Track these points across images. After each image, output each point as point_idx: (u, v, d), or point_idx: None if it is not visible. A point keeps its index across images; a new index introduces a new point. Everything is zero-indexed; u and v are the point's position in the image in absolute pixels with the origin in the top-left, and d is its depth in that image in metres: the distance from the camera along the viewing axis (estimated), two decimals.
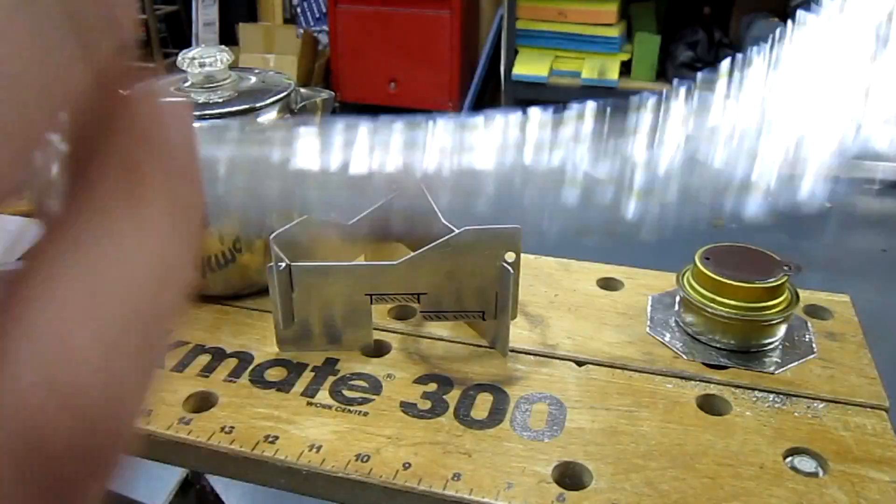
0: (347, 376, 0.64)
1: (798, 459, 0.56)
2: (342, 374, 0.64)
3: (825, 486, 0.53)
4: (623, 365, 0.66)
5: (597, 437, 0.58)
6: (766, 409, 0.61)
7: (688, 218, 0.29)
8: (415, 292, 0.63)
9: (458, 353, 0.68)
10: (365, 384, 0.63)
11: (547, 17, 3.28)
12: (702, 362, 0.66)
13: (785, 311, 0.66)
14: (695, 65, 3.15)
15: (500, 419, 0.59)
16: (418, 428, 0.58)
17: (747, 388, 0.63)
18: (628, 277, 0.80)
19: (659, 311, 0.74)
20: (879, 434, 0.58)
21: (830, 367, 0.66)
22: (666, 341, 0.69)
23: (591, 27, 3.25)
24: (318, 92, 0.79)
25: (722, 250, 0.70)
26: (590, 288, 0.78)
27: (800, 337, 0.70)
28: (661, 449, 0.57)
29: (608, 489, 0.53)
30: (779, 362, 0.66)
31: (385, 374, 0.64)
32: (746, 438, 0.58)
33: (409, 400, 0.61)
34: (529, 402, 0.61)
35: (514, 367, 0.65)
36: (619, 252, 0.81)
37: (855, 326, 0.72)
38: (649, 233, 0.28)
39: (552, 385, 0.63)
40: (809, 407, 0.61)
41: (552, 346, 0.68)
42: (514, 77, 3.33)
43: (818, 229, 2.75)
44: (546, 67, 3.31)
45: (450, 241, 0.62)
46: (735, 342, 0.67)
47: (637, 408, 0.61)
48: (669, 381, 0.64)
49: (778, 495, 0.52)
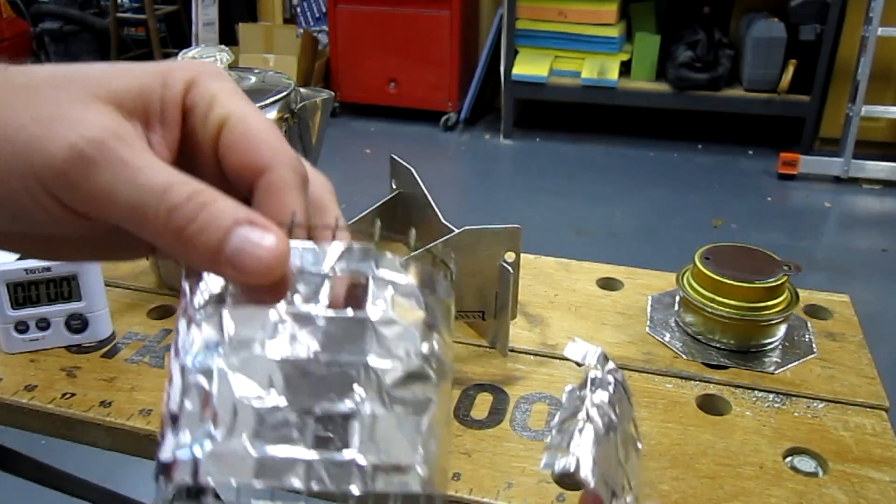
0: None
1: (798, 459, 0.56)
2: None
3: (825, 485, 0.53)
4: (623, 365, 0.66)
5: None
6: (765, 409, 0.61)
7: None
8: None
9: (458, 353, 0.68)
10: None
11: (547, 17, 3.28)
12: (702, 362, 0.66)
13: (785, 311, 0.66)
14: (695, 65, 3.15)
15: (499, 419, 0.59)
16: None
17: (747, 388, 0.63)
18: (628, 277, 0.80)
19: (659, 311, 0.74)
20: (879, 434, 0.58)
21: (830, 367, 0.66)
22: (666, 341, 0.69)
23: (591, 27, 3.25)
24: (318, 92, 0.79)
25: (722, 250, 0.70)
26: (590, 288, 0.78)
27: (800, 337, 0.70)
28: (661, 449, 0.57)
29: None
30: (779, 362, 0.66)
31: None
32: (746, 438, 0.58)
33: None
34: (529, 402, 0.61)
35: (514, 367, 0.66)
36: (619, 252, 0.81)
37: (855, 326, 0.72)
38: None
39: (552, 385, 0.63)
40: (809, 407, 0.61)
41: (552, 346, 0.68)
42: (514, 77, 3.34)
43: (818, 229, 2.76)
44: (546, 67, 3.31)
45: (449, 241, 0.62)
46: (735, 342, 0.67)
47: (637, 408, 0.61)
48: (669, 381, 0.64)
49: (778, 495, 0.52)
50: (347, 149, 3.33)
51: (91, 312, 0.67)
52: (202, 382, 0.24)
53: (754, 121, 3.42)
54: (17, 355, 0.66)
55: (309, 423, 0.24)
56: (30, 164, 0.24)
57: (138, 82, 0.27)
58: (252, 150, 0.27)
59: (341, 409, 0.24)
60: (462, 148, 3.49)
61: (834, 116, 3.16)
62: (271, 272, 0.25)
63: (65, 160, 0.24)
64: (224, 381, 0.24)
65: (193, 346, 0.25)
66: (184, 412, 0.25)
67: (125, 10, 4.15)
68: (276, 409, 0.24)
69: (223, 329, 0.25)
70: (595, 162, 3.25)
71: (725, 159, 3.26)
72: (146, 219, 0.25)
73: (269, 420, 0.24)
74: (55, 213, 0.26)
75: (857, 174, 2.97)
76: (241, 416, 0.24)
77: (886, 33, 2.83)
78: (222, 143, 0.27)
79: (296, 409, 0.24)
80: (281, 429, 0.24)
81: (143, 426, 0.58)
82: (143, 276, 0.79)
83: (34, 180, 0.25)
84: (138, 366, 0.65)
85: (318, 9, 4.04)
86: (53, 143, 0.24)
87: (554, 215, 2.71)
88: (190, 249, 0.25)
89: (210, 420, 0.24)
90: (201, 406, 0.24)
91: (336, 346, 0.25)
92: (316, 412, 0.24)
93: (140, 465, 0.56)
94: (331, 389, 0.24)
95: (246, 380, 0.24)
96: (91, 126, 0.25)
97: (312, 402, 0.24)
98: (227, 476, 0.24)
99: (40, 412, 0.60)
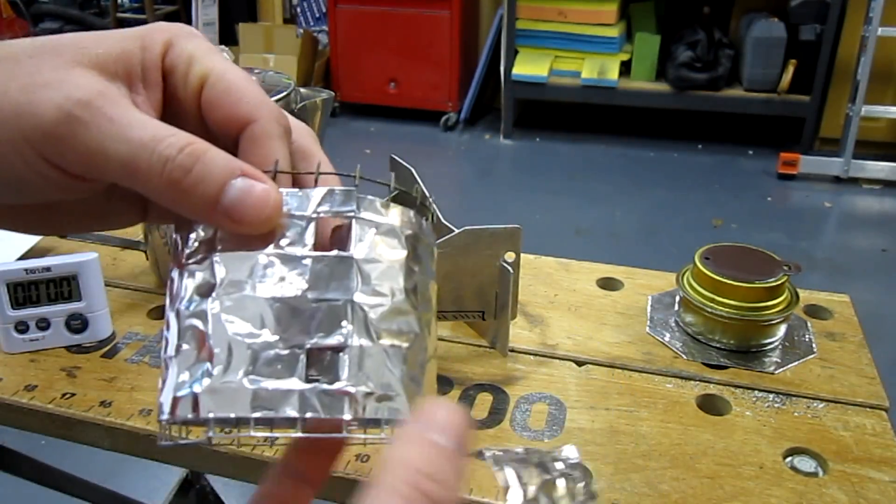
0: None
1: (798, 459, 0.56)
2: None
3: (825, 486, 0.53)
4: (623, 365, 0.66)
5: (597, 437, 0.58)
6: (765, 409, 0.61)
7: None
8: None
9: (458, 353, 0.68)
10: None
11: (547, 17, 3.28)
12: (702, 362, 0.66)
13: (785, 311, 0.66)
14: (695, 64, 3.15)
15: (499, 419, 0.59)
16: None
17: (747, 388, 0.63)
18: (628, 277, 0.80)
19: (659, 311, 0.74)
20: (879, 434, 0.58)
21: (830, 367, 0.66)
22: (666, 341, 0.69)
23: (591, 27, 3.25)
24: (318, 92, 0.79)
25: (722, 250, 0.70)
26: (590, 288, 0.78)
27: (800, 337, 0.70)
28: (661, 449, 0.57)
29: (608, 489, 0.53)
30: (779, 362, 0.66)
31: None
32: (746, 438, 0.58)
33: None
34: (529, 402, 0.61)
35: (514, 367, 0.66)
36: (619, 252, 0.81)
37: (855, 326, 0.72)
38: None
39: (552, 385, 0.63)
40: (809, 407, 0.61)
41: (552, 346, 0.68)
42: (514, 77, 3.34)
43: (818, 229, 2.76)
44: (546, 67, 3.31)
45: (449, 240, 0.62)
46: (735, 342, 0.67)
47: (637, 408, 0.61)
48: (669, 381, 0.64)
49: (778, 495, 0.52)
50: (347, 149, 3.33)
51: (91, 312, 0.67)
52: (198, 324, 0.26)
53: (754, 121, 3.42)
54: (17, 355, 0.66)
55: (300, 358, 0.25)
56: (20, 130, 0.25)
57: (118, 46, 0.28)
58: (235, 103, 0.28)
59: (331, 342, 0.25)
60: (462, 148, 3.49)
61: (834, 116, 3.16)
62: (268, 221, 0.26)
63: (54, 122, 0.25)
64: (218, 322, 0.25)
65: (187, 292, 0.26)
66: (181, 354, 0.26)
67: (125, 10, 4.15)
68: (268, 345, 0.25)
69: (215, 274, 0.26)
70: (595, 162, 3.25)
71: (725, 159, 3.26)
72: (139, 171, 0.26)
73: (263, 356, 0.25)
74: (51, 177, 0.26)
75: (857, 174, 2.97)
76: (237, 354, 0.25)
77: (886, 33, 2.83)
78: (205, 98, 0.28)
79: (287, 345, 0.25)
80: (274, 364, 0.25)
81: (143, 426, 0.58)
82: (143, 276, 0.79)
83: (26, 146, 0.26)
84: (138, 366, 0.65)
85: (318, 9, 4.04)
86: (41, 108, 0.25)
87: (554, 215, 2.71)
88: (186, 201, 0.26)
89: (207, 359, 0.25)
90: (198, 347, 0.25)
91: (323, 284, 0.26)
92: (307, 347, 0.25)
93: (140, 465, 0.57)
94: (320, 325, 0.26)
95: (239, 320, 0.25)
96: (77, 88, 0.26)
97: (303, 337, 0.25)
98: (226, 409, 0.25)
99: (40, 412, 0.60)
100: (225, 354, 0.25)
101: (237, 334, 0.25)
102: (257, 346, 0.25)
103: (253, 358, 0.25)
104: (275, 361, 0.25)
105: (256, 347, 0.25)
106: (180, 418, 0.25)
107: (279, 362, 0.25)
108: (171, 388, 0.26)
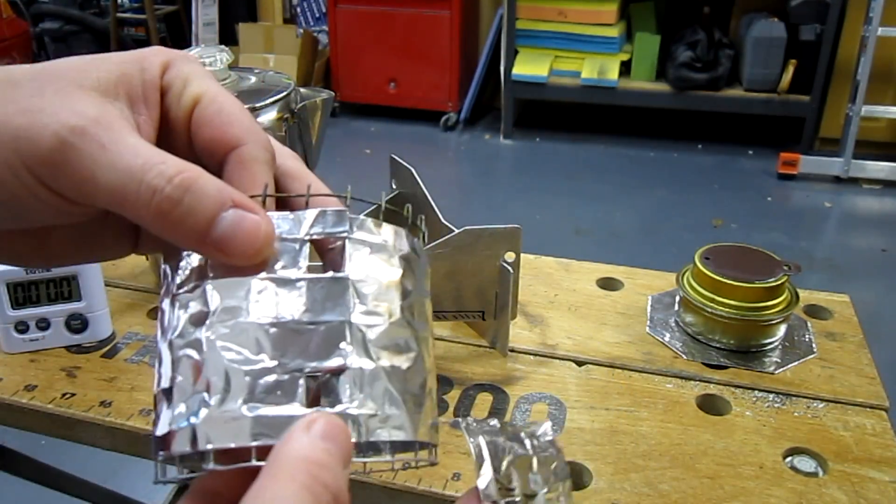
0: None
1: (798, 459, 0.56)
2: None
3: (825, 485, 0.53)
4: (623, 365, 0.66)
5: (597, 437, 0.58)
6: (765, 409, 0.61)
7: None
8: None
9: (458, 353, 0.68)
10: None
11: (547, 17, 3.28)
12: (702, 362, 0.66)
13: (785, 311, 0.66)
14: (695, 65, 3.15)
15: (499, 419, 0.59)
16: None
17: (747, 388, 0.63)
18: (628, 277, 0.80)
19: (659, 311, 0.74)
20: (879, 434, 0.58)
21: (830, 367, 0.66)
22: (666, 341, 0.69)
23: (591, 27, 3.25)
24: (318, 92, 0.79)
25: (722, 250, 0.70)
26: (590, 288, 0.78)
27: (800, 337, 0.70)
28: (661, 449, 0.57)
29: (608, 489, 0.53)
30: (779, 362, 0.66)
31: None
32: (746, 438, 0.58)
33: None
34: (529, 401, 0.61)
35: (514, 367, 0.66)
36: (619, 252, 0.81)
37: (855, 326, 0.72)
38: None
39: (552, 385, 0.63)
40: (809, 407, 0.61)
41: (552, 346, 0.68)
42: (514, 77, 3.33)
43: (818, 229, 2.76)
44: (546, 67, 3.31)
45: (449, 241, 0.62)
46: (735, 342, 0.67)
47: (637, 408, 0.61)
48: (669, 381, 0.64)
49: (778, 495, 0.52)
50: (347, 149, 3.33)
51: (91, 312, 0.67)
52: (192, 354, 0.25)
53: (754, 121, 3.42)
54: (17, 355, 0.66)
55: (300, 382, 0.25)
56: (18, 153, 0.26)
57: (118, 68, 0.28)
58: (225, 124, 0.28)
59: (330, 365, 0.25)
60: (462, 148, 3.49)
61: (834, 116, 3.16)
62: (259, 253, 0.26)
63: (49, 148, 0.25)
64: (213, 350, 0.25)
65: (179, 322, 0.26)
66: (176, 385, 0.25)
67: (125, 10, 4.15)
68: (267, 370, 0.24)
69: (208, 302, 0.25)
70: (595, 162, 3.25)
71: (725, 159, 3.26)
72: (127, 200, 0.26)
73: (262, 382, 0.24)
74: (47, 201, 0.26)
75: (857, 174, 2.97)
76: (234, 382, 0.24)
77: (886, 33, 2.83)
78: (196, 118, 0.29)
79: (286, 369, 0.25)
80: (274, 389, 0.24)
81: (143, 426, 0.58)
82: (143, 276, 0.79)
83: (23, 169, 0.26)
84: (138, 366, 0.65)
85: (318, 9, 4.04)
86: (39, 133, 0.25)
87: (554, 215, 2.71)
88: (176, 232, 0.26)
89: (204, 389, 0.24)
90: (193, 377, 0.25)
91: (319, 306, 0.26)
92: (306, 371, 0.25)
93: (140, 465, 0.57)
94: (318, 348, 0.25)
95: (235, 346, 0.25)
96: (73, 114, 0.26)
97: (302, 361, 0.25)
98: (226, 440, 0.24)
99: (40, 412, 0.60)
100: (222, 383, 0.24)
101: (234, 361, 0.24)
102: (255, 372, 0.24)
103: (251, 385, 0.24)
104: (274, 387, 0.24)
105: (254, 374, 0.24)
106: (177, 453, 0.24)
107: (279, 388, 0.24)
108: (166, 421, 0.25)
